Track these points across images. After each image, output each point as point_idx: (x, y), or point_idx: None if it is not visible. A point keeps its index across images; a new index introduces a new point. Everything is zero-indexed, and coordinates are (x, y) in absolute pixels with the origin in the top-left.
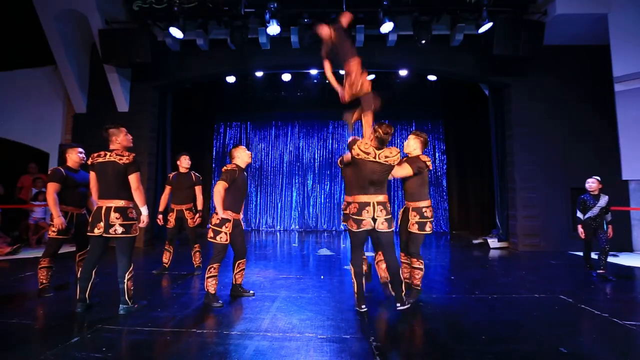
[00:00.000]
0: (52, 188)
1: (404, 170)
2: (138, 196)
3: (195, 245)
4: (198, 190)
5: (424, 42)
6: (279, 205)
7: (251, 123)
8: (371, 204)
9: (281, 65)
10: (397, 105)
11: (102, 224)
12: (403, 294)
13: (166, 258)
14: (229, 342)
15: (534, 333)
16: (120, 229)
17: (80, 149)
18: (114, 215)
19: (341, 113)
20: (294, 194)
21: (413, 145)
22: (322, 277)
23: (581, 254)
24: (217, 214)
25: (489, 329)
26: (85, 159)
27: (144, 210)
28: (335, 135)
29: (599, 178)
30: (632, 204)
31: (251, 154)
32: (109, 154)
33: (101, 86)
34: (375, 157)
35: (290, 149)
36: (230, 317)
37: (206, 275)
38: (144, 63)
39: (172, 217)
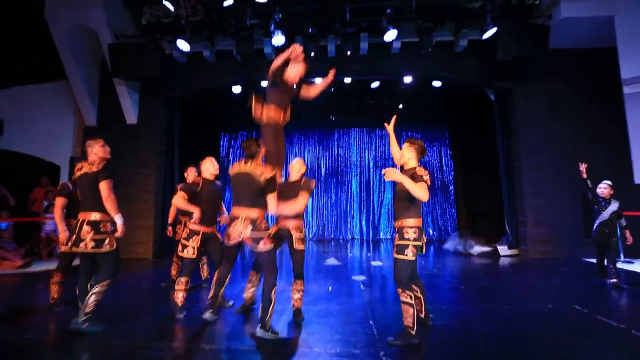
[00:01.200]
0: (59, 202)
1: (423, 190)
2: (110, 205)
3: (204, 257)
4: None
5: (429, 49)
6: None
7: (257, 132)
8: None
9: None
10: (403, 113)
11: (74, 237)
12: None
13: (174, 270)
14: (238, 357)
15: (547, 346)
16: (90, 244)
17: None
18: (85, 229)
19: (347, 122)
20: None
21: (408, 154)
22: (329, 288)
23: (595, 260)
24: (186, 226)
25: (500, 342)
26: None
27: (119, 220)
28: (341, 143)
29: (610, 183)
30: None
31: (217, 166)
32: (85, 165)
33: (110, 99)
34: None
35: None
36: (239, 330)
37: (175, 287)
38: (152, 76)
39: (181, 230)
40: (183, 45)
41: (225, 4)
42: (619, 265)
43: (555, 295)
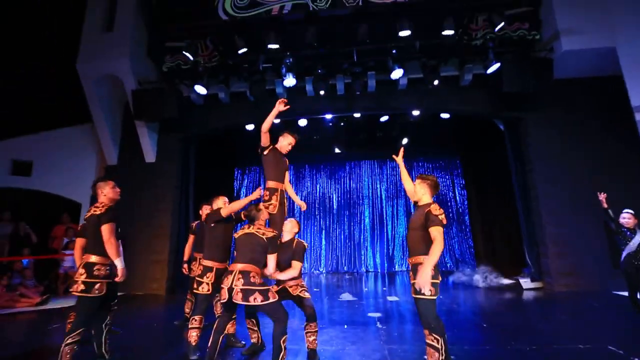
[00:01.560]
0: (79, 243)
1: (438, 245)
2: (109, 249)
3: (217, 295)
4: None
5: (435, 83)
6: None
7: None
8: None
9: (297, 112)
10: (413, 144)
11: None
12: None
13: (188, 308)
14: None
15: None
16: (80, 287)
17: None
18: (80, 271)
19: (357, 154)
20: (313, 235)
21: (421, 191)
22: (345, 326)
23: (626, 294)
24: (200, 263)
25: None
26: None
27: (119, 264)
28: (353, 176)
29: (633, 212)
30: None
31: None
32: (93, 207)
33: (131, 139)
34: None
35: (308, 190)
36: None
37: (189, 326)
38: (171, 117)
39: (195, 266)
40: (200, 89)
41: (240, 51)
42: None
43: (586, 334)
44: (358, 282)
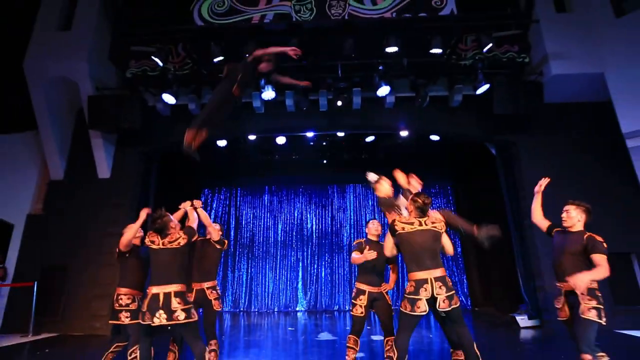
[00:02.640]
0: None
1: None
2: None
3: (212, 342)
4: None
5: (423, 103)
6: (272, 282)
7: (241, 189)
8: (429, 281)
9: (276, 129)
10: (401, 167)
11: None
12: None
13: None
14: None
15: None
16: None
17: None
18: None
19: (341, 177)
20: (290, 268)
21: (577, 217)
22: None
23: (629, 332)
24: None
25: None
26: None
27: None
28: (335, 201)
29: None
30: None
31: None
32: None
33: (82, 152)
34: (421, 225)
35: (286, 216)
36: None
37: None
38: (132, 128)
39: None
40: (169, 98)
41: (216, 60)
42: None
43: None
44: (339, 320)
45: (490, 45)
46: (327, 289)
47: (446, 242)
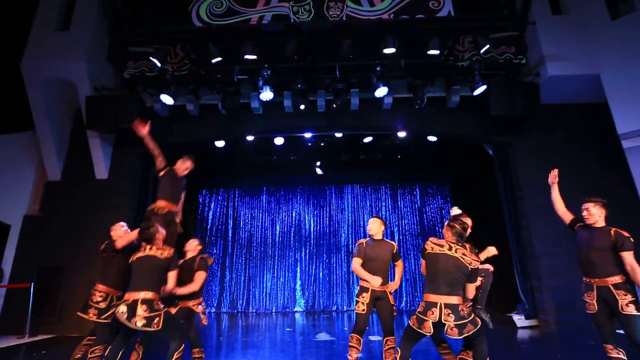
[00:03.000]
0: None
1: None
2: None
3: (195, 350)
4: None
5: (421, 104)
6: (270, 282)
7: (239, 190)
8: (437, 305)
9: (274, 129)
10: (399, 168)
11: None
12: None
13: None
14: None
15: None
16: None
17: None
18: None
19: (339, 178)
20: (288, 269)
21: (597, 212)
22: None
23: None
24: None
25: None
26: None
27: None
28: (333, 201)
29: None
30: None
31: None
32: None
33: (80, 153)
34: (450, 250)
35: (283, 217)
36: None
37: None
38: (129, 129)
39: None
40: (167, 99)
41: (214, 60)
42: None
43: None
44: (337, 321)
45: (487, 46)
46: (325, 290)
47: (470, 287)
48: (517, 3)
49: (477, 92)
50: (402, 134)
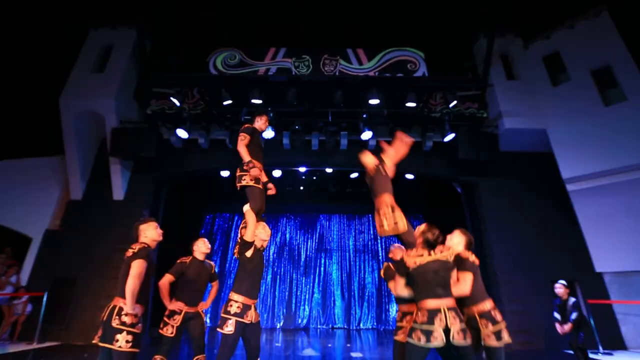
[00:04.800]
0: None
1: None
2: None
3: (199, 357)
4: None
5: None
6: (262, 300)
7: (238, 215)
8: (442, 310)
9: (273, 163)
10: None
11: None
12: None
13: None
14: None
15: None
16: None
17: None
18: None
19: (328, 208)
20: (280, 288)
21: (458, 240)
22: None
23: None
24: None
25: None
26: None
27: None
28: (322, 229)
29: (565, 283)
30: (612, 297)
31: (208, 245)
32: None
33: (101, 175)
34: (431, 254)
35: (278, 240)
36: None
37: None
38: (147, 157)
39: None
40: (182, 133)
41: (225, 103)
42: (599, 357)
43: None
44: (322, 338)
45: (455, 102)
46: (315, 308)
47: (466, 278)
48: (479, 69)
49: (447, 138)
50: None
